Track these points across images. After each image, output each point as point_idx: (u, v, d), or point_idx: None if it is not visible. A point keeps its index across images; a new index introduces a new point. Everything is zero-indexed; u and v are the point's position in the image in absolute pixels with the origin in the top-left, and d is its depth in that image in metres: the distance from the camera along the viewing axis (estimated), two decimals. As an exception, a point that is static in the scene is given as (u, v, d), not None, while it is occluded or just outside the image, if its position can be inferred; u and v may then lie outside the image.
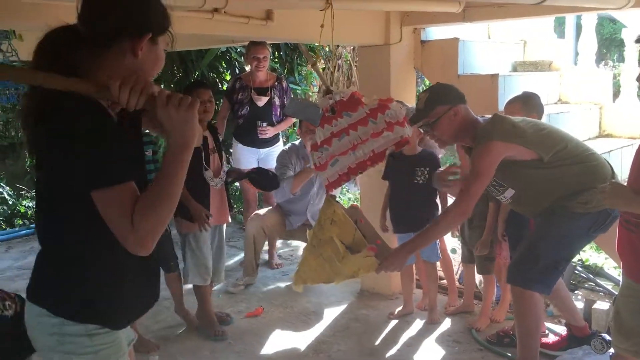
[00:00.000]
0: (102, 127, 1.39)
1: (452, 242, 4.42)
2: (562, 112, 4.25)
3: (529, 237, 2.94)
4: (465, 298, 4.01)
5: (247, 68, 5.09)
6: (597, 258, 4.43)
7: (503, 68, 4.71)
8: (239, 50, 6.28)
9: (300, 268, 2.86)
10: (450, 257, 4.17)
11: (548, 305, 3.90)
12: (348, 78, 7.16)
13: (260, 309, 4.12)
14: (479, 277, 3.92)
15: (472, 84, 3.94)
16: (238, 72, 6.41)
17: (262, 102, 4.87)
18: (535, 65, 4.82)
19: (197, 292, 3.73)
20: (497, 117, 2.83)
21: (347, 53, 6.90)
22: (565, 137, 2.83)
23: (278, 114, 4.97)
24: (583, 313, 3.54)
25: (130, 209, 1.36)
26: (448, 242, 4.27)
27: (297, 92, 6.58)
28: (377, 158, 2.74)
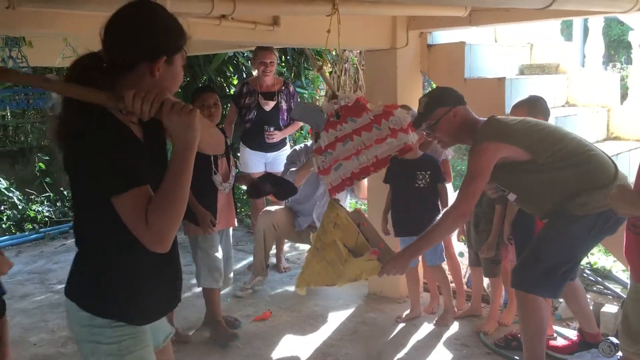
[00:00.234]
0: (117, 140, 1.56)
1: (458, 245, 4.42)
2: (569, 115, 4.25)
3: (532, 240, 2.95)
4: (473, 301, 4.01)
5: (254, 73, 5.11)
6: (605, 261, 4.43)
7: (510, 71, 4.71)
8: (246, 55, 6.32)
9: (304, 271, 2.88)
10: (459, 260, 4.17)
11: (556, 309, 3.90)
12: (355, 82, 7.18)
13: (268, 313, 4.13)
14: (487, 280, 3.92)
15: (478, 88, 3.95)
16: (245, 76, 6.44)
17: (269, 106, 4.90)
18: (542, 68, 4.82)
19: (207, 295, 3.71)
20: (492, 118, 2.84)
21: (353, 57, 6.92)
22: (566, 137, 2.80)
23: (285, 119, 4.99)
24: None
25: (145, 210, 1.52)
26: (455, 246, 4.27)
27: (304, 96, 6.61)
28: (380, 164, 2.76)
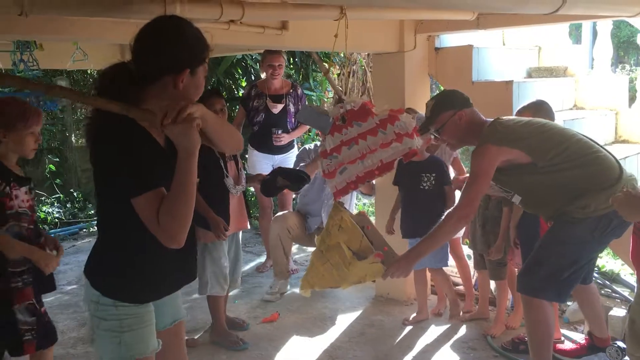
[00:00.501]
0: (134, 145, 1.71)
1: (463, 249, 4.41)
2: (577, 118, 4.25)
3: (537, 244, 2.95)
4: (480, 304, 4.01)
5: (262, 75, 5.14)
6: (613, 264, 4.41)
7: (518, 74, 4.72)
8: (255, 57, 6.35)
9: (308, 273, 2.90)
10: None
11: (564, 312, 3.89)
12: (363, 83, 7.19)
13: (276, 315, 4.15)
14: (493, 283, 3.92)
15: (486, 91, 3.96)
16: (254, 78, 6.47)
17: (277, 109, 4.92)
18: (551, 71, 4.82)
19: (212, 302, 3.69)
20: (496, 121, 2.84)
21: (361, 59, 6.93)
22: (571, 138, 2.78)
23: (293, 121, 5.01)
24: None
25: (157, 211, 1.68)
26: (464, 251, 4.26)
27: (311, 98, 6.63)
28: (385, 168, 2.78)
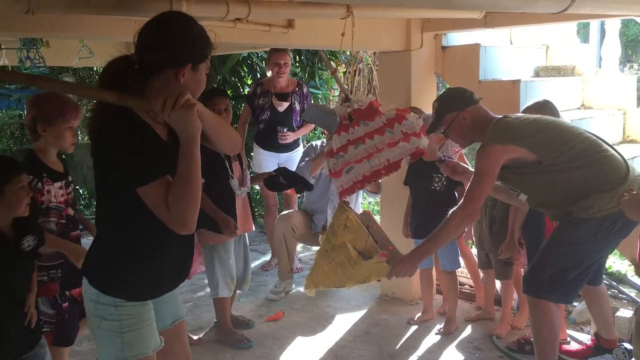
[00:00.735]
0: (135, 136, 1.72)
1: (474, 249, 4.39)
2: (585, 117, 4.22)
3: (542, 245, 2.93)
4: (486, 304, 4.00)
5: (268, 73, 5.13)
6: (620, 265, 4.39)
7: (525, 73, 4.69)
8: (261, 55, 6.34)
9: (313, 272, 2.89)
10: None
11: (570, 313, 3.88)
12: (369, 82, 7.17)
13: (281, 313, 4.15)
14: (498, 283, 3.91)
15: (493, 90, 3.94)
16: (259, 76, 6.46)
17: (282, 107, 4.91)
18: (558, 70, 4.79)
19: (218, 303, 3.68)
20: (501, 120, 2.82)
21: (367, 57, 6.91)
22: (577, 137, 2.74)
23: (298, 120, 5.00)
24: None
25: (165, 199, 1.70)
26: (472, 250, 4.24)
27: (317, 96, 6.61)
28: (392, 167, 2.77)
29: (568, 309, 3.88)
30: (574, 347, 3.38)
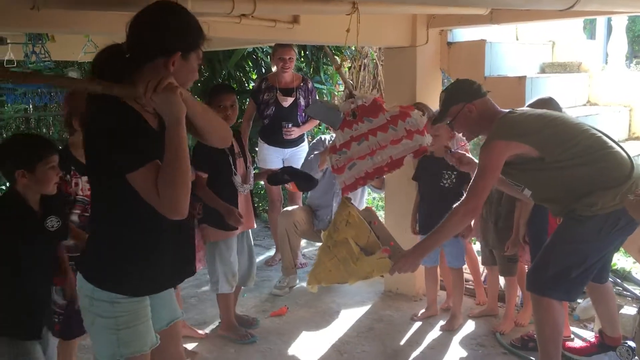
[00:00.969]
0: (124, 124, 1.72)
1: (476, 246, 4.39)
2: (590, 114, 4.21)
3: (546, 242, 2.93)
4: (489, 301, 4.00)
5: (273, 68, 5.12)
6: (624, 262, 4.38)
7: (531, 69, 4.67)
8: (266, 50, 6.33)
9: (315, 269, 2.90)
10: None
11: (574, 309, 3.87)
12: (374, 77, 7.16)
13: (285, 309, 4.16)
14: (502, 279, 3.90)
15: (499, 86, 3.92)
16: (264, 71, 6.45)
17: (287, 102, 4.91)
18: (564, 67, 4.76)
19: (221, 299, 3.67)
20: (506, 115, 2.80)
21: (373, 52, 6.89)
22: (582, 133, 2.72)
23: (303, 115, 5.00)
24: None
25: (155, 184, 1.69)
26: (474, 246, 4.24)
27: (322, 91, 6.60)
28: (394, 164, 2.77)
29: (572, 306, 3.87)
30: (578, 344, 3.38)
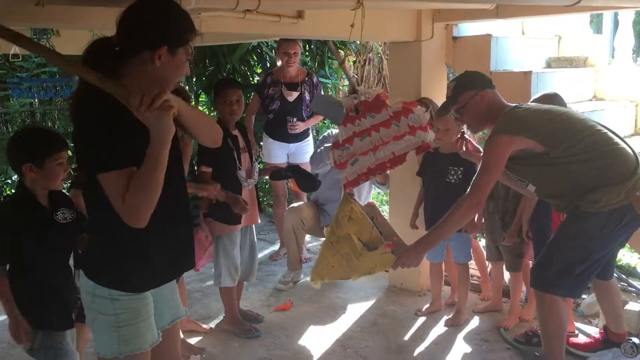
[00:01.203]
0: (109, 120, 1.69)
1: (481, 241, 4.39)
2: (596, 109, 4.18)
3: (550, 238, 2.92)
4: (494, 296, 4.00)
5: (278, 63, 5.12)
6: (629, 258, 4.37)
7: (537, 64, 4.64)
8: (270, 44, 6.32)
9: (318, 265, 2.90)
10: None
11: (578, 305, 3.87)
12: (379, 71, 7.14)
13: (289, 303, 4.17)
14: (507, 274, 3.90)
15: (504, 81, 3.89)
16: (269, 65, 6.44)
17: (292, 97, 4.91)
18: (570, 61, 4.73)
19: (224, 293, 3.69)
20: (512, 109, 2.79)
21: (378, 46, 6.87)
22: (588, 129, 2.71)
23: (308, 109, 4.99)
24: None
25: (124, 190, 1.67)
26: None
27: (327, 85, 6.59)
28: (397, 160, 2.77)
29: (576, 302, 3.87)
30: (582, 340, 3.37)
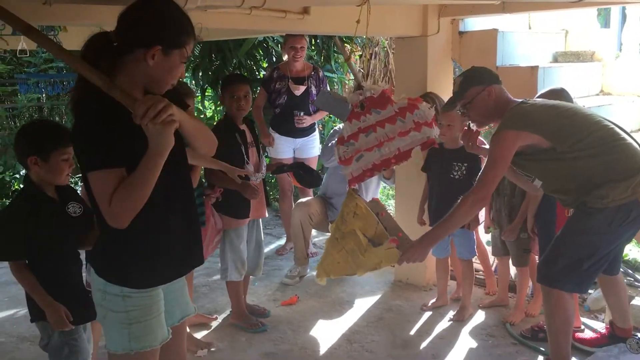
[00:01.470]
0: (105, 119, 1.70)
1: (485, 236, 4.38)
2: (603, 104, 4.17)
3: (557, 234, 2.92)
4: (500, 291, 4.00)
5: (284, 57, 5.12)
6: (636, 253, 4.37)
7: (543, 58, 4.63)
8: (276, 39, 6.31)
9: (323, 261, 2.91)
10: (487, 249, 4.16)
11: (585, 300, 3.87)
12: (385, 65, 7.12)
13: (295, 298, 4.19)
14: (513, 269, 3.90)
15: (511, 76, 3.88)
16: (275, 60, 6.44)
17: (299, 91, 4.91)
18: (577, 56, 4.72)
19: (230, 287, 3.71)
20: (518, 105, 2.79)
21: (384, 40, 6.85)
22: (595, 124, 2.70)
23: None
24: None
25: (111, 191, 1.68)
26: (483, 237, 4.23)
27: (333, 80, 6.58)
28: (402, 156, 2.76)
29: (583, 297, 3.86)
30: (588, 335, 3.38)
